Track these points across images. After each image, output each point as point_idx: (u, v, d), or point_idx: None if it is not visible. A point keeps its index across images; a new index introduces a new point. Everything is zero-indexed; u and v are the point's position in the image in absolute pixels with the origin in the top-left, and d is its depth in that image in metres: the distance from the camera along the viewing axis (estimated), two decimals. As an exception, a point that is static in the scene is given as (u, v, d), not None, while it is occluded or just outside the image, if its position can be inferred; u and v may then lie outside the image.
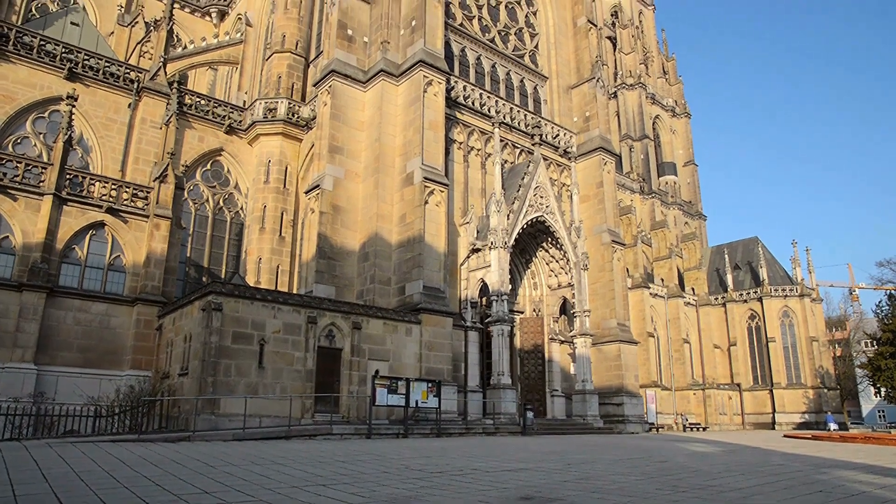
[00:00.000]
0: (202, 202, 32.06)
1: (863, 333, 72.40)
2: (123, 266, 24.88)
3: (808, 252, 60.39)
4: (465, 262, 29.23)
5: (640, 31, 71.06)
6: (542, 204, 31.06)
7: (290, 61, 35.09)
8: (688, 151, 70.10)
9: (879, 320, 50.31)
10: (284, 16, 35.94)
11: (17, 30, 28.55)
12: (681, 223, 63.62)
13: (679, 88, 73.14)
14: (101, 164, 29.46)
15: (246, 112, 33.98)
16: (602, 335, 33.59)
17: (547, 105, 37.32)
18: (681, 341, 53.17)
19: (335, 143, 27.46)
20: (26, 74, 28.26)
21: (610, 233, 34.79)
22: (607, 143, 36.52)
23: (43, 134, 28.50)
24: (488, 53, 34.99)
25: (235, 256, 32.61)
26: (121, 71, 30.83)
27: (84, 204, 24.09)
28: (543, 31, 38.83)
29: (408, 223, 26.15)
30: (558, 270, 32.96)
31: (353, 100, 28.53)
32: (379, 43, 29.12)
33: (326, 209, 26.38)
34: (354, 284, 26.62)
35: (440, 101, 28.01)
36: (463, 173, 30.63)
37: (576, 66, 38.43)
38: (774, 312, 57.07)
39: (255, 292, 21.02)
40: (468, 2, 35.24)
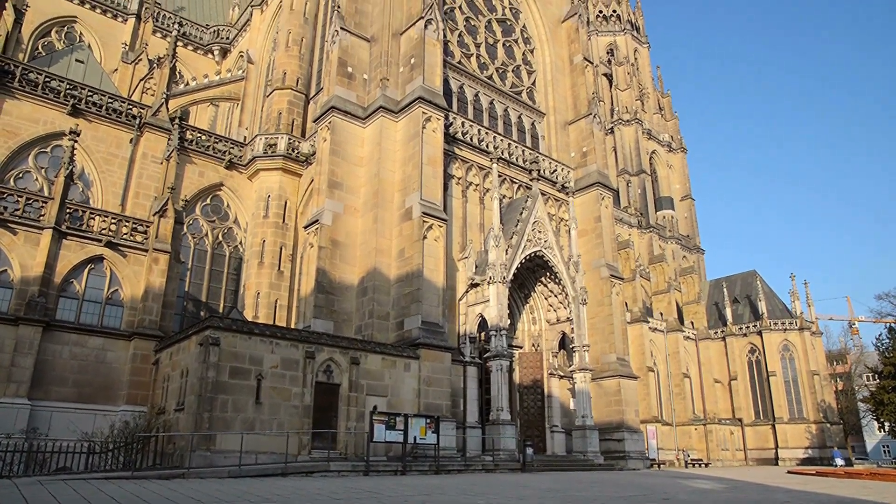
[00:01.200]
0: (201, 236, 32.15)
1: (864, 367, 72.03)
2: (121, 300, 24.82)
3: (806, 285, 60.48)
4: (463, 297, 29.20)
5: (635, 69, 72.27)
6: (540, 239, 31.17)
7: (290, 98, 35.57)
8: (684, 186, 70.66)
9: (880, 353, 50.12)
10: (286, 54, 36.56)
11: (22, 67, 28.98)
12: (679, 257, 63.79)
13: (675, 124, 74.09)
14: (102, 198, 29.63)
15: (246, 147, 34.31)
16: (601, 370, 33.38)
17: (545, 141, 37.73)
18: (681, 376, 52.83)
19: (334, 178, 27.67)
20: (30, 110, 28.61)
21: (608, 267, 34.83)
22: (605, 178, 36.81)
23: (45, 168, 28.72)
24: (486, 90, 35.50)
25: (234, 291, 32.57)
26: (123, 107, 31.21)
27: (83, 238, 24.15)
28: (540, 68, 39.47)
29: (406, 258, 26.19)
30: (557, 305, 32.90)
31: (353, 136, 28.84)
32: (378, 80, 29.56)
33: (325, 244, 26.45)
34: (353, 319, 26.53)
35: (439, 136, 28.32)
36: (461, 208, 30.80)
37: (573, 103, 38.96)
38: (774, 346, 56.87)
39: (252, 327, 20.94)
40: (466, 40, 35.88)
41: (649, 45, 76.86)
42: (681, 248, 64.79)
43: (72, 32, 45.31)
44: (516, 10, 39.87)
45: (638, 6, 78.73)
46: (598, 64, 70.80)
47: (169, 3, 53.39)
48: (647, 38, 77.20)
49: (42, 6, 42.98)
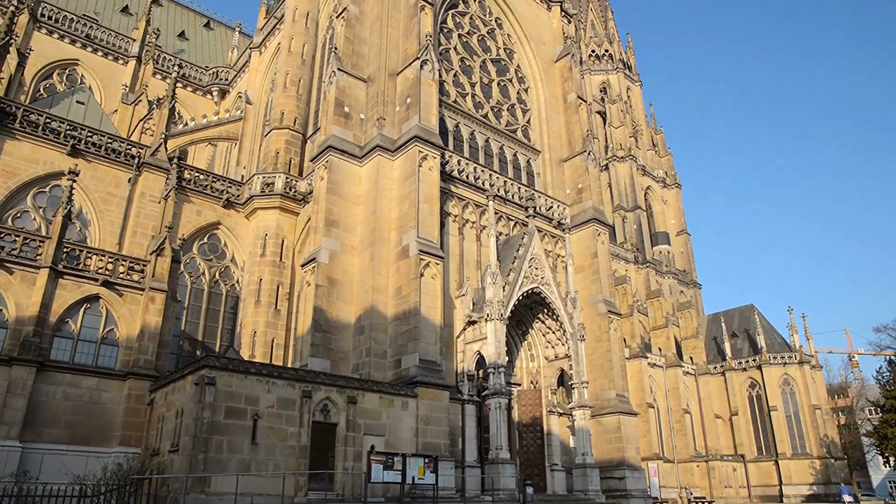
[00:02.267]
0: (198, 275, 32.14)
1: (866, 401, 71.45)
2: (117, 339, 24.67)
3: (804, 318, 60.47)
4: (461, 335, 29.08)
5: (628, 106, 73.42)
6: (537, 275, 31.20)
7: (288, 137, 35.97)
8: (680, 221, 71.13)
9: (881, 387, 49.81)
10: (283, 94, 37.09)
11: (24, 108, 29.31)
12: (676, 292, 63.83)
13: (668, 160, 74.95)
14: (100, 237, 29.68)
15: (244, 186, 34.54)
16: (601, 407, 33.07)
17: (540, 178, 38.08)
18: (681, 411, 52.35)
19: (331, 216, 27.81)
20: (30, 150, 28.82)
21: (606, 303, 34.81)
22: (600, 214, 37.06)
23: (43, 208, 28.83)
24: (482, 128, 35.97)
25: (230, 330, 32.41)
26: (122, 147, 31.49)
27: (80, 277, 24.11)
28: (535, 106, 40.06)
29: (403, 296, 26.16)
30: (555, 341, 32.77)
31: (350, 174, 29.08)
32: (375, 119, 29.96)
33: (322, 282, 26.43)
34: (350, 358, 26.36)
35: (435, 175, 28.57)
36: (458, 246, 30.89)
37: (567, 140, 39.44)
38: (774, 380, 56.53)
39: (249, 366, 20.78)
40: (461, 80, 36.49)
41: (641, 83, 78.21)
42: (678, 283, 64.88)
43: (73, 75, 46.01)
44: (510, 50, 40.65)
45: (629, 45, 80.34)
46: (592, 102, 71.95)
47: (169, 45, 54.40)
48: (639, 76, 78.60)
49: (45, 50, 43.73)
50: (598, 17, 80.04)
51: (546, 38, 42.34)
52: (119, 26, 50.74)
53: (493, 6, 40.69)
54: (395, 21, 32.35)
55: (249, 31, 60.29)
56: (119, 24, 51.34)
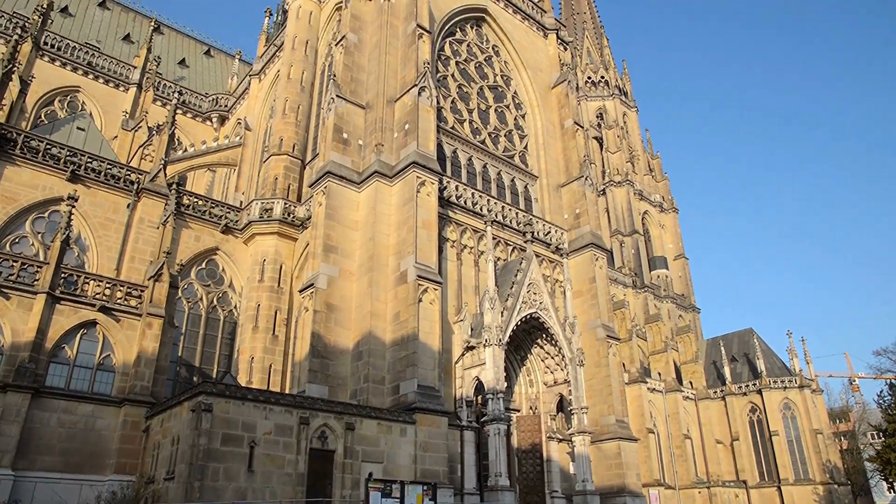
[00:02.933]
0: (196, 301, 32.06)
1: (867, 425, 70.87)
2: (113, 365, 24.51)
3: (803, 342, 60.24)
4: (459, 360, 28.95)
5: (624, 132, 74.04)
6: (535, 300, 31.17)
7: (286, 163, 36.17)
8: (678, 245, 71.28)
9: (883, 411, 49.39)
10: (282, 120, 37.38)
11: (25, 135, 29.44)
12: (675, 316, 63.72)
13: (665, 185, 75.38)
14: (97, 262, 29.63)
15: (242, 212, 34.63)
16: (601, 432, 32.78)
17: (538, 203, 38.24)
18: (682, 437, 51.88)
19: (330, 242, 27.85)
20: (30, 176, 28.88)
21: (604, 328, 34.72)
22: (598, 239, 37.14)
23: (41, 234, 28.81)
24: (479, 154, 36.21)
25: (228, 356, 32.23)
26: (122, 173, 31.58)
27: (77, 303, 24.04)
28: (532, 132, 40.39)
29: (402, 321, 26.09)
30: (554, 367, 32.63)
31: (348, 200, 29.20)
32: (373, 145, 30.17)
33: (320, 308, 26.38)
34: (348, 384, 26.20)
35: (433, 200, 28.70)
36: (456, 271, 30.91)
37: (565, 166, 39.70)
38: (775, 405, 56.12)
39: (246, 392, 20.65)
40: (459, 106, 36.85)
41: (637, 109, 78.99)
42: (676, 308, 64.80)
43: (74, 101, 46.36)
44: (507, 77, 41.12)
45: (625, 72, 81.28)
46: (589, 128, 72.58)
47: (170, 72, 54.94)
48: (635, 102, 79.40)
49: (47, 77, 44.09)
50: (594, 45, 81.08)
51: (543, 64, 42.87)
52: (121, 54, 51.29)
53: (490, 34, 41.26)
54: (394, 49, 32.76)
55: (249, 59, 60.98)
56: (121, 51, 51.90)
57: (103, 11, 56.34)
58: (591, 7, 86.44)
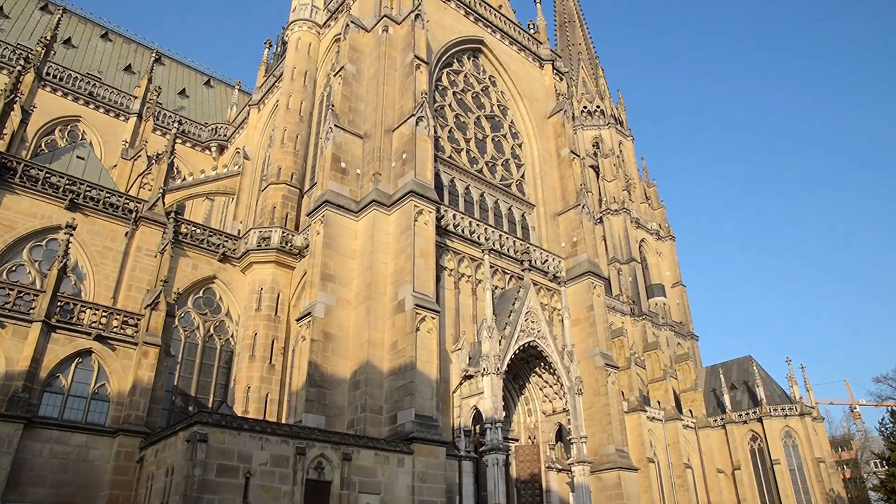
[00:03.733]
0: (193, 329, 31.93)
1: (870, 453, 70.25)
2: (108, 395, 24.29)
3: (802, 369, 59.93)
4: (457, 390, 28.77)
5: (620, 160, 74.76)
6: (533, 329, 31.11)
7: (284, 192, 36.33)
8: (675, 273, 71.47)
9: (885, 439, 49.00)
10: (281, 150, 37.65)
11: (24, 164, 29.58)
12: (673, 344, 63.61)
13: (662, 212, 75.84)
14: (94, 291, 29.56)
15: (240, 241, 34.69)
16: (600, 462, 32.45)
17: (535, 231, 38.39)
18: (682, 466, 51.34)
19: (327, 270, 27.87)
20: (28, 205, 28.94)
21: (603, 356, 34.59)
22: (595, 267, 37.21)
23: (39, 262, 28.77)
24: (477, 183, 36.45)
25: (224, 385, 32.00)
26: (120, 201, 31.67)
27: (73, 331, 23.90)
28: (529, 161, 40.72)
29: (399, 350, 25.99)
30: (552, 396, 32.42)
31: (346, 229, 29.30)
32: (371, 175, 30.38)
33: (318, 336, 26.28)
34: (345, 413, 25.99)
35: (430, 229, 28.80)
36: (454, 300, 30.89)
37: (561, 194, 39.94)
38: (776, 433, 55.68)
39: (242, 422, 20.47)
40: (456, 135, 37.20)
41: (633, 138, 79.89)
42: (674, 335, 64.70)
43: (75, 130, 46.72)
44: (504, 106, 41.59)
45: (620, 101, 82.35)
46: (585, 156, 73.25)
47: (170, 102, 55.51)
48: (630, 130, 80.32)
49: (48, 106, 44.49)
50: (589, 75, 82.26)
51: (539, 94, 43.40)
52: (122, 84, 51.84)
53: (487, 65, 41.84)
54: (391, 79, 33.18)
55: (248, 89, 61.64)
56: (122, 82, 52.47)
57: (105, 43, 57.11)
58: (586, 38, 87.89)
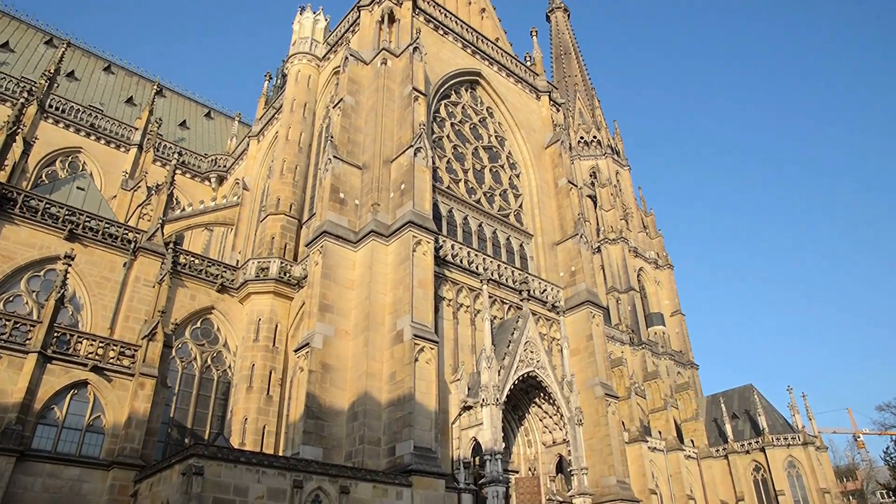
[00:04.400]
0: (190, 360, 31.73)
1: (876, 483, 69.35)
2: (103, 427, 23.95)
3: (804, 398, 59.47)
4: (456, 421, 28.51)
5: (618, 190, 75.21)
6: (532, 359, 30.96)
7: (283, 222, 36.45)
8: (674, 301, 71.38)
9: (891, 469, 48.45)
10: (280, 181, 37.88)
11: (24, 194, 29.71)
12: (673, 373, 63.24)
13: (660, 241, 76.05)
14: (91, 321, 29.44)
15: (238, 271, 34.67)
16: (602, 494, 31.99)
17: (533, 261, 38.45)
18: (685, 498, 50.64)
19: (326, 301, 27.82)
20: (28, 235, 28.98)
21: (603, 386, 34.36)
22: (594, 296, 37.17)
23: (36, 292, 28.71)
24: (475, 213, 36.61)
25: (221, 416, 31.68)
26: (119, 232, 31.72)
27: (69, 362, 23.66)
28: (527, 191, 40.96)
29: (398, 381, 25.81)
30: (552, 426, 32.12)
31: (344, 259, 29.32)
32: (370, 205, 30.52)
33: (315, 367, 26.12)
34: (343, 445, 25.69)
35: (429, 259, 28.84)
36: (452, 330, 30.79)
37: (559, 224, 40.09)
38: (779, 463, 55.01)
39: (239, 455, 20.22)
40: (454, 166, 37.48)
41: (630, 167, 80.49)
42: (674, 364, 64.37)
43: (76, 162, 46.98)
44: (501, 137, 41.99)
45: (617, 132, 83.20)
46: (583, 186, 73.74)
47: (170, 134, 56.00)
48: (627, 160, 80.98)
49: (50, 137, 44.83)
50: (586, 106, 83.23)
51: (536, 125, 43.85)
52: (123, 116, 52.34)
53: (485, 96, 42.36)
54: (390, 111, 33.54)
55: (248, 121, 62.26)
56: (123, 113, 52.99)
57: (108, 75, 57.84)
58: (582, 69, 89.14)
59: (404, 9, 37.63)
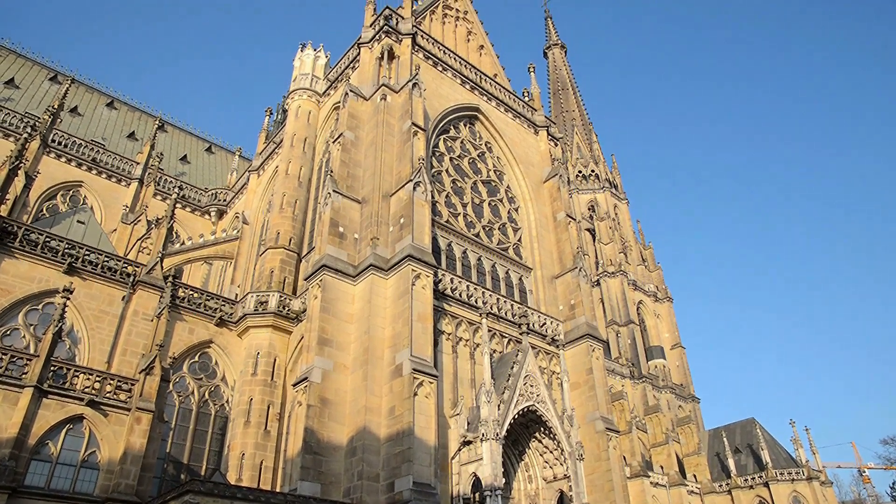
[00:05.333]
0: (187, 395, 31.49)
1: (885, 519, 68.24)
2: (97, 462, 23.65)
3: (807, 431, 58.82)
4: (455, 456, 28.18)
5: (616, 223, 75.60)
6: (532, 393, 30.74)
7: (283, 256, 36.55)
8: (674, 334, 71.17)
9: (898, 504, 47.74)
10: (280, 215, 38.09)
11: (25, 228, 29.85)
12: (674, 407, 62.73)
13: (659, 274, 76.15)
14: (89, 355, 29.31)
15: (237, 305, 34.64)
16: (603, 532, 31.46)
17: (532, 295, 38.44)
18: (689, 536, 49.81)
19: (324, 335, 27.73)
20: (27, 268, 29.05)
21: (603, 420, 34.05)
22: (594, 329, 37.08)
23: (34, 326, 28.65)
24: (474, 247, 36.73)
25: (217, 452, 31.30)
26: (119, 265, 31.79)
27: (65, 396, 23.47)
28: (525, 225, 41.16)
29: (397, 416, 25.60)
30: (553, 461, 31.72)
31: (343, 293, 29.32)
32: (369, 239, 30.64)
33: (314, 402, 25.91)
34: (341, 481, 25.34)
35: (428, 293, 28.84)
36: (452, 364, 30.63)
37: (558, 257, 40.19)
38: (784, 498, 54.18)
39: (235, 491, 19.96)
40: (453, 200, 37.73)
41: (628, 201, 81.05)
42: (675, 398, 63.88)
43: (76, 195, 47.24)
44: (500, 172, 42.37)
45: (615, 166, 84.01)
46: (581, 220, 74.14)
47: (171, 168, 56.43)
48: (625, 194, 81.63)
49: (51, 171, 45.17)
50: (584, 140, 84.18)
51: (534, 160, 44.29)
52: (125, 150, 52.80)
53: (483, 131, 42.87)
54: (389, 145, 33.91)
55: (249, 155, 62.80)
56: (125, 148, 53.47)
57: (111, 111, 58.55)
58: (580, 104, 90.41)
59: (404, 46, 38.35)
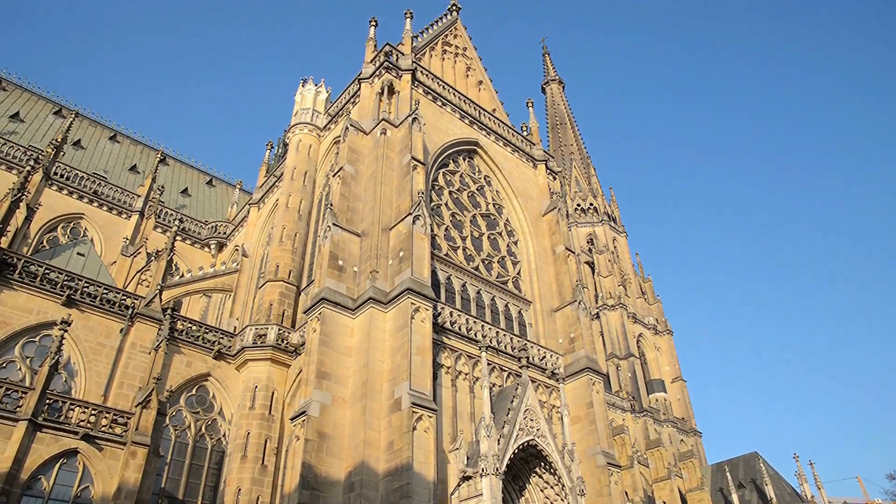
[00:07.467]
0: (184, 428, 31.15)
1: (897, 556, 66.84)
2: (91, 498, 23.32)
3: (811, 465, 57.85)
4: (455, 492, 27.75)
5: (615, 256, 75.72)
6: (532, 427, 30.43)
7: (282, 289, 36.54)
8: (675, 368, 70.71)
9: (909, 540, 46.85)
10: (279, 248, 38.19)
11: (25, 260, 29.89)
12: (676, 441, 61.99)
13: (658, 307, 75.97)
14: (85, 388, 29.08)
15: (236, 338, 34.50)
16: (605, 572, 30.84)
17: (532, 328, 38.33)
18: (692, 575, 48.76)
19: (323, 368, 27.58)
20: (25, 300, 29.00)
21: (604, 455, 33.66)
22: (594, 363, 36.88)
23: (30, 358, 28.46)
24: (473, 280, 36.75)
25: (213, 487, 30.83)
26: (117, 297, 31.75)
27: (59, 430, 23.27)
28: (525, 258, 41.26)
29: (395, 450, 25.30)
30: (553, 497, 31.22)
31: (342, 326, 29.23)
32: (368, 272, 30.68)
33: (312, 436, 25.63)
34: (338, 517, 24.93)
35: (427, 327, 28.76)
36: (451, 398, 30.40)
37: (557, 290, 40.18)
38: (791, 534, 53.16)
39: (230, 529, 19.61)
40: (453, 234, 37.88)
41: (626, 234, 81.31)
42: (677, 432, 63.17)
43: (77, 228, 47.37)
44: (499, 205, 42.63)
45: (613, 199, 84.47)
46: (580, 253, 74.30)
47: (172, 201, 56.75)
48: (623, 227, 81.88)
49: (52, 203, 45.35)
50: (582, 174, 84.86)
51: (533, 193, 44.60)
52: (126, 183, 53.15)
53: (482, 165, 43.26)
54: (389, 179, 34.17)
55: (249, 188, 63.20)
56: (126, 181, 53.84)
57: (113, 144, 59.12)
58: (577, 138, 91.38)
59: (404, 81, 38.95)
